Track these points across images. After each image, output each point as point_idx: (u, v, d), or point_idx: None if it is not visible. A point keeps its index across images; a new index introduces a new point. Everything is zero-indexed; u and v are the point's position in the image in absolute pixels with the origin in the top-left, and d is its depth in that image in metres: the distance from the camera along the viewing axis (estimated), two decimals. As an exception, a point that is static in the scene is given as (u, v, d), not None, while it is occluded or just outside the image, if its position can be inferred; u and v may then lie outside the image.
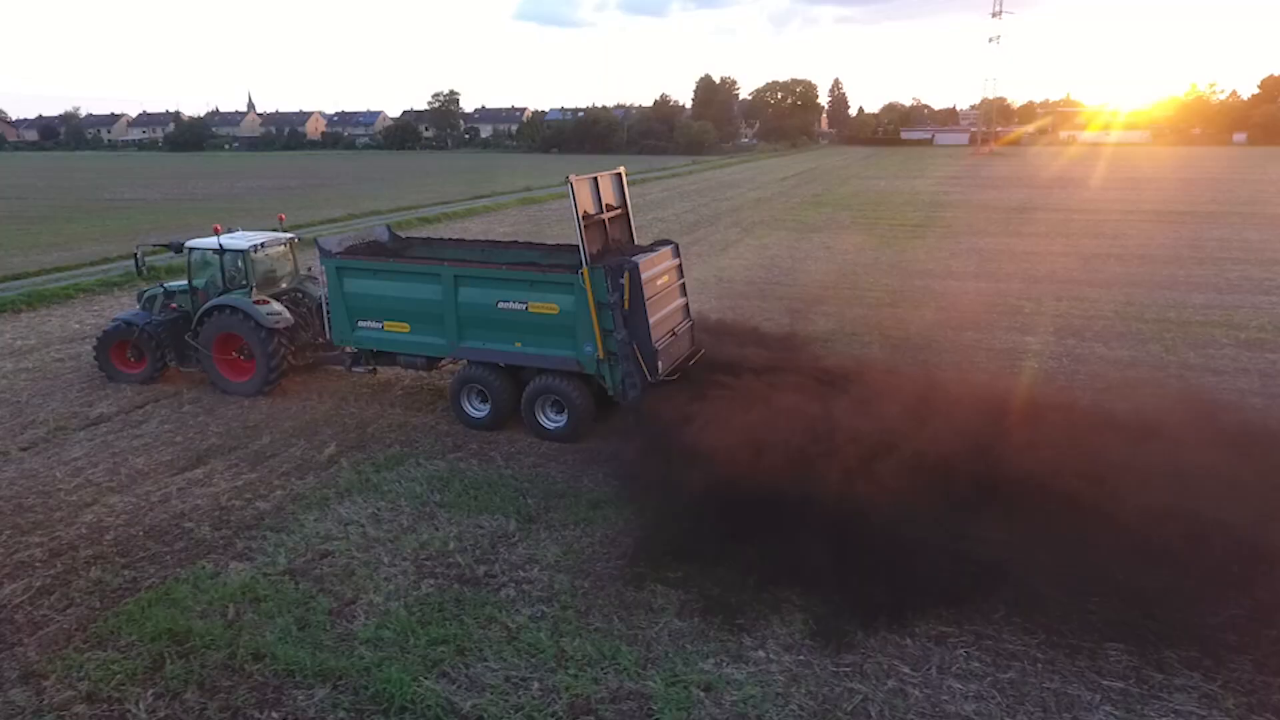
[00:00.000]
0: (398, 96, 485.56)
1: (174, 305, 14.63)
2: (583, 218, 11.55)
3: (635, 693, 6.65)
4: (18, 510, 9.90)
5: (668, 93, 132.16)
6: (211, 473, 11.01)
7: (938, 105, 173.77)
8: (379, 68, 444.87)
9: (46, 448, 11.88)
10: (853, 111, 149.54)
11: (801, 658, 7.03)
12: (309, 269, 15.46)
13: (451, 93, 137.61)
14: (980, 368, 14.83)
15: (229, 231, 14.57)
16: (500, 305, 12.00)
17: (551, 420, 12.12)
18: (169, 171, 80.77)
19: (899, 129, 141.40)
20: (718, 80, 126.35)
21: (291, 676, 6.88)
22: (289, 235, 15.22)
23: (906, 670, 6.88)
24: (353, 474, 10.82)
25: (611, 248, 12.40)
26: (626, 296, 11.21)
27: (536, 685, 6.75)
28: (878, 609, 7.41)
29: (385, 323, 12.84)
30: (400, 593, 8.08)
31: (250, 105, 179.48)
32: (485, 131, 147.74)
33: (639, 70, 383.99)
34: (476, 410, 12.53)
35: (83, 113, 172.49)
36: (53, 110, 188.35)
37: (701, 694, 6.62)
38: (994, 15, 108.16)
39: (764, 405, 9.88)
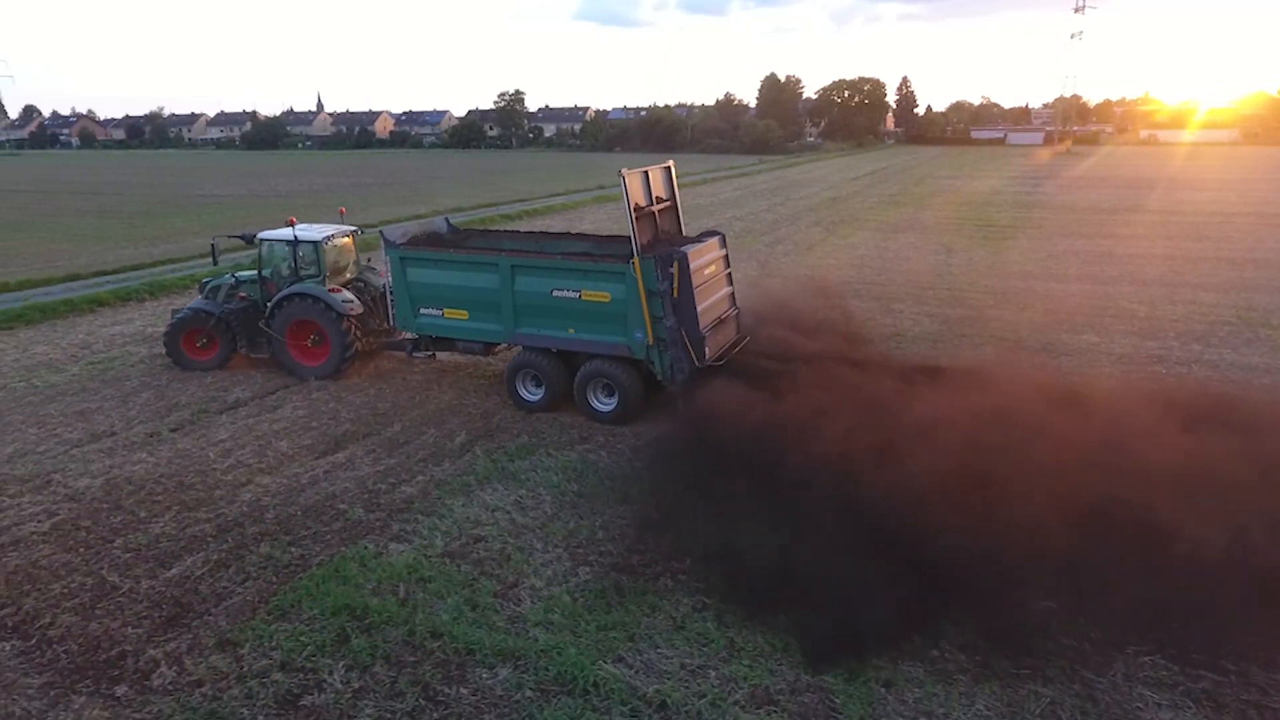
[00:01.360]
0: (461, 96, 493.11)
1: (243, 295, 15.11)
2: (634, 209, 12.11)
3: (815, 685, 6.66)
4: (180, 488, 10.41)
5: (732, 91, 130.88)
6: (353, 457, 11.40)
7: (1007, 104, 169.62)
8: (443, 68, 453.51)
9: (194, 429, 12.45)
10: (919, 110, 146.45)
11: (978, 658, 6.93)
12: (368, 260, 16.07)
13: (517, 92, 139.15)
14: (1129, 373, 14.32)
15: (300, 224, 15.20)
16: (555, 294, 12.55)
17: (603, 403, 12.62)
18: (251, 169, 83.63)
19: (969, 128, 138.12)
20: (782, 79, 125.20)
21: (472, 655, 7.08)
22: (352, 228, 15.69)
23: (1090, 675, 6.73)
24: (488, 462, 11.07)
25: (661, 238, 12.87)
26: (676, 285, 11.69)
27: (714, 674, 6.81)
28: (1048, 614, 7.26)
29: (445, 310, 13.46)
30: (560, 578, 8.24)
31: (319, 105, 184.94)
32: (548, 130, 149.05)
33: (699, 69, 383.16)
34: (531, 394, 13.12)
35: (165, 112, 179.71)
36: (138, 110, 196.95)
37: (882, 690, 6.59)
38: (1076, 10, 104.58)
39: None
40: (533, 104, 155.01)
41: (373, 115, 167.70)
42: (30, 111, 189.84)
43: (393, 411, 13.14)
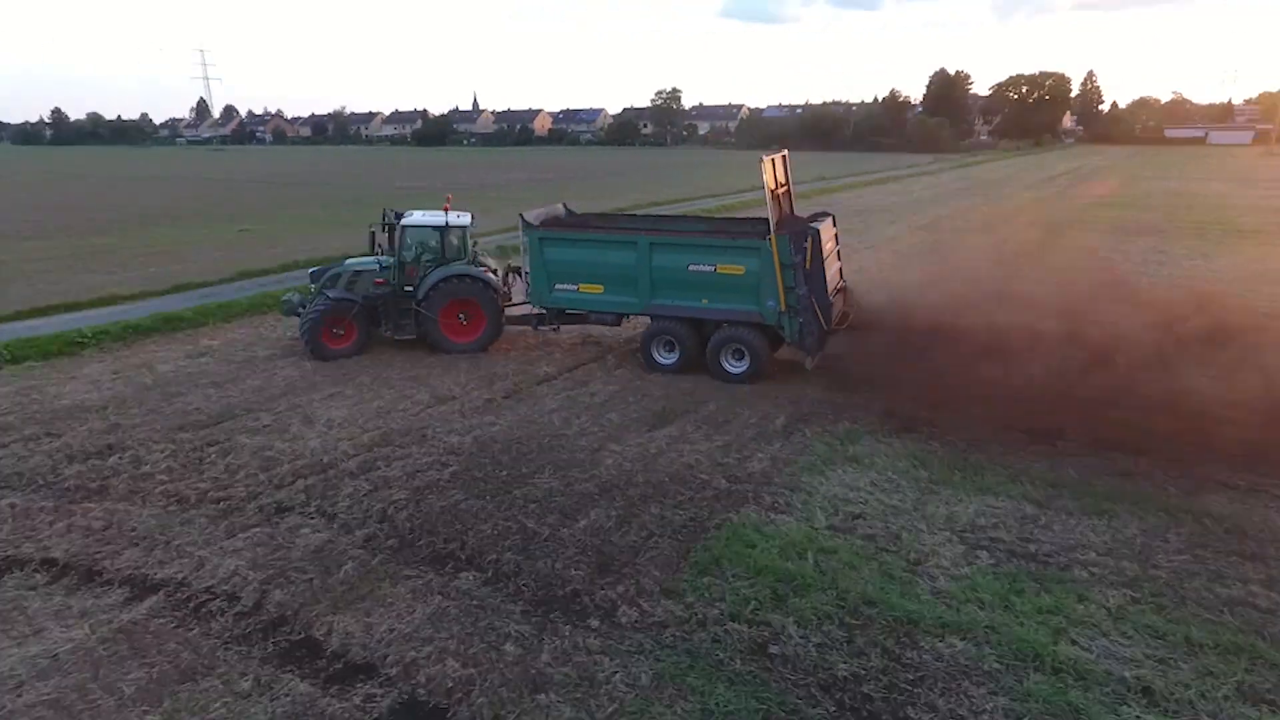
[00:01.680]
0: (613, 94, 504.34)
1: (380, 280, 15.54)
2: (770, 191, 13.90)
3: (1312, 690, 6.43)
4: (542, 449, 11.29)
5: (896, 88, 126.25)
6: (683, 432, 11.97)
7: (1199, 100, 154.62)
8: (594, 67, 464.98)
9: (524, 399, 13.48)
10: (1102, 108, 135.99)
11: None
12: (474, 243, 16.53)
13: (674, 90, 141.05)
14: None
15: (419, 210, 16.29)
16: (691, 268, 14.00)
17: (734, 366, 14.12)
18: (431, 164, 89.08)
19: (1161, 126, 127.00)
20: (951, 74, 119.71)
21: (915, 625, 7.30)
22: (469, 215, 16.27)
23: None
24: (823, 445, 11.32)
25: (784, 218, 14.42)
26: (809, 257, 13.20)
27: (1185, 667, 6.71)
28: None
29: (580, 285, 14.84)
30: (962, 560, 8.35)
31: (475, 104, 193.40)
32: (702, 128, 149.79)
33: (848, 66, 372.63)
34: (665, 358, 14.61)
35: (346, 111, 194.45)
36: (320, 109, 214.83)
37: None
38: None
39: None
40: (686, 102, 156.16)
41: (532, 113, 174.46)
42: (230, 111, 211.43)
43: (699, 390, 13.66)
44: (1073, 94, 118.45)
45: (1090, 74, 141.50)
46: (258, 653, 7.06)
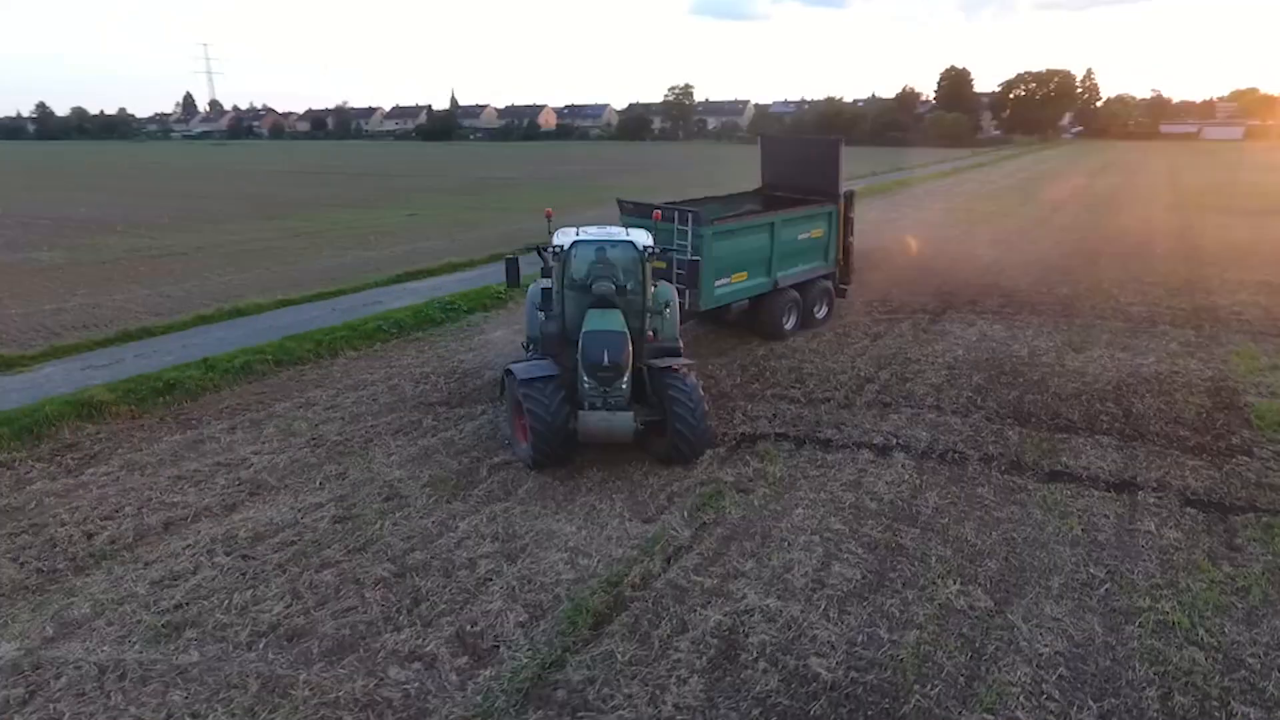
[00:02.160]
0: (602, 90, 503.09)
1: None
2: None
3: None
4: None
5: (910, 84, 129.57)
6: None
7: (1170, 96, 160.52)
8: (553, 64, 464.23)
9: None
10: (1097, 104, 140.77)
11: None
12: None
13: (686, 86, 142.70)
14: None
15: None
16: (799, 238, 15.57)
17: (820, 312, 16.42)
18: (456, 159, 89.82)
19: (1156, 123, 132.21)
20: (959, 71, 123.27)
21: None
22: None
23: None
24: None
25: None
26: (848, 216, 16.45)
27: None
28: None
29: (733, 275, 14.43)
30: None
31: (453, 100, 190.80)
32: (711, 123, 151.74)
33: (822, 61, 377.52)
34: (790, 324, 15.76)
35: (347, 105, 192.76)
36: (313, 105, 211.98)
37: None
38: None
39: None
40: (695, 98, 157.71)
41: (536, 109, 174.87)
42: (215, 105, 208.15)
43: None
44: (1075, 91, 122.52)
45: (1089, 72, 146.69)
46: None
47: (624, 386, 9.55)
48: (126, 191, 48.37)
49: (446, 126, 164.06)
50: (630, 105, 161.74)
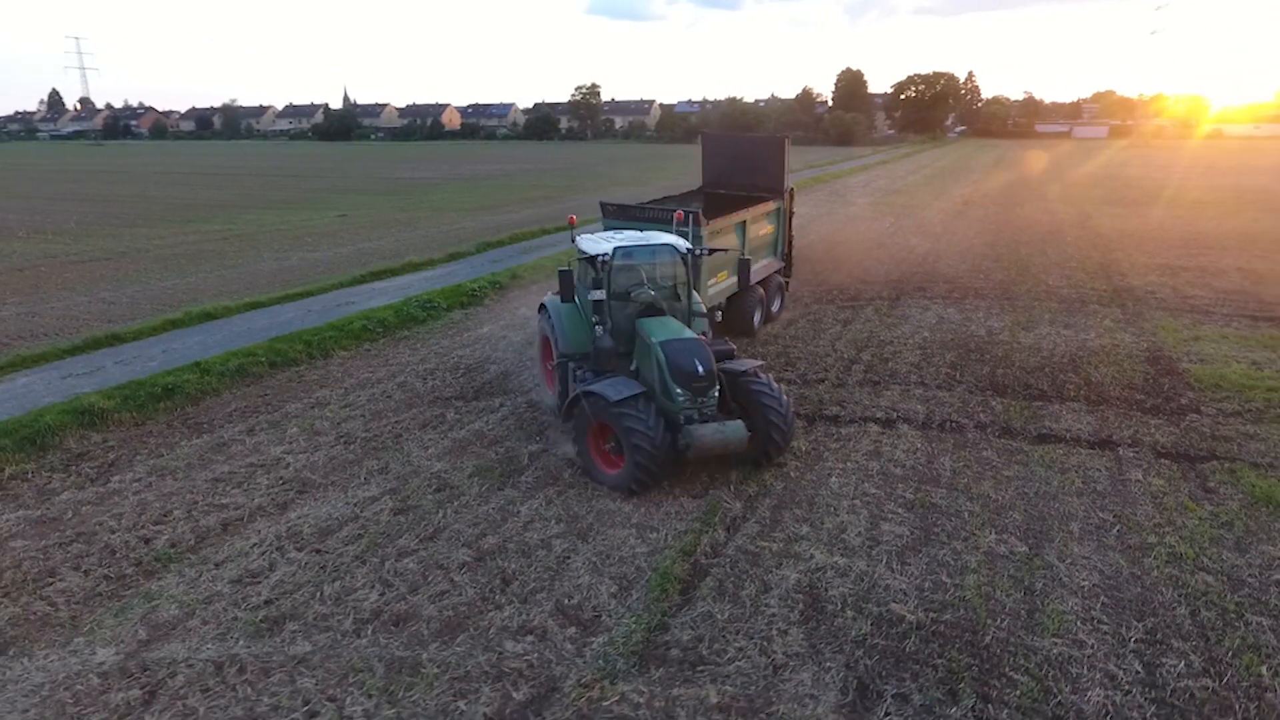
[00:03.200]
0: (465, 89, 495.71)
1: None
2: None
3: None
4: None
5: (810, 86, 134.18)
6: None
7: (1043, 98, 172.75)
8: (451, 62, 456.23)
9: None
10: (978, 105, 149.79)
11: None
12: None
13: (593, 86, 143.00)
14: None
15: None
16: (760, 234, 16.29)
17: (776, 306, 16.93)
18: (391, 157, 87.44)
19: (1032, 122, 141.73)
20: (854, 73, 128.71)
21: None
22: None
23: None
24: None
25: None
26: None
27: None
28: None
29: (717, 275, 14.43)
30: None
31: (345, 98, 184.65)
32: (619, 123, 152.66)
33: (719, 62, 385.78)
34: (757, 319, 15.83)
35: (236, 104, 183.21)
36: (201, 103, 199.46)
37: None
38: (1157, 9, 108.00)
39: None
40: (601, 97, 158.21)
41: (439, 108, 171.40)
42: (86, 104, 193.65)
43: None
44: (960, 93, 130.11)
45: (971, 74, 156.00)
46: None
47: (715, 395, 9.27)
48: (11, 195, 44.95)
49: (345, 126, 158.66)
50: (536, 105, 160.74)
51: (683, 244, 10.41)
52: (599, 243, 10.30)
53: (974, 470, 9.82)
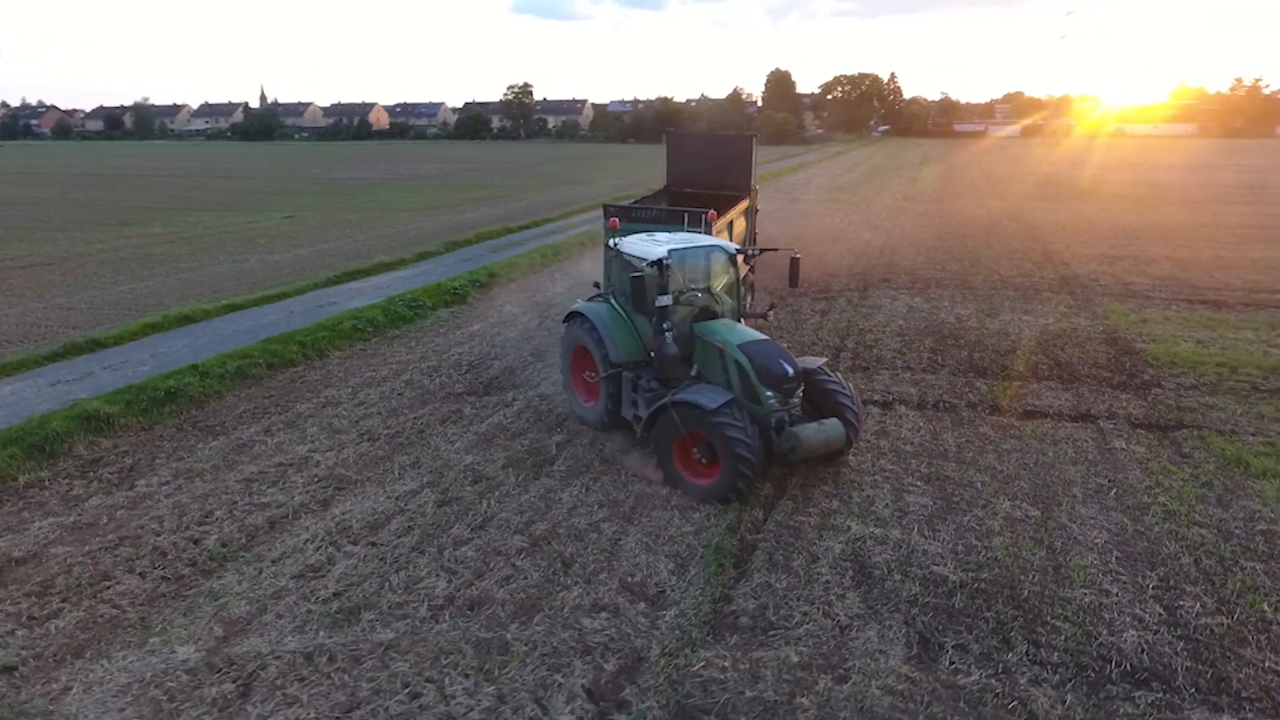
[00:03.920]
0: (399, 89, 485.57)
1: None
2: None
3: None
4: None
5: (740, 86, 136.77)
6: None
7: (959, 98, 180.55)
8: (379, 61, 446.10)
9: (886, 315, 17.25)
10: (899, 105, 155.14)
11: None
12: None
13: (525, 85, 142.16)
14: None
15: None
16: (738, 232, 16.73)
17: (748, 304, 17.60)
18: (312, 157, 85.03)
19: (950, 122, 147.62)
20: (782, 73, 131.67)
21: None
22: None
23: None
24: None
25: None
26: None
27: None
28: None
29: None
30: None
31: (263, 97, 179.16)
32: (551, 122, 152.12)
33: (641, 62, 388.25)
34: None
35: (148, 102, 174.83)
36: (110, 101, 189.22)
37: None
38: (1067, 15, 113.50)
39: None
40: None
41: (366, 107, 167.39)
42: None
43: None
44: (883, 93, 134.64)
45: (893, 75, 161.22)
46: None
47: (800, 396, 9.20)
48: (-82, 199, 42.11)
49: (267, 125, 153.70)
50: (467, 104, 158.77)
51: (731, 246, 10.41)
52: (646, 245, 9.98)
53: (976, 445, 10.54)
